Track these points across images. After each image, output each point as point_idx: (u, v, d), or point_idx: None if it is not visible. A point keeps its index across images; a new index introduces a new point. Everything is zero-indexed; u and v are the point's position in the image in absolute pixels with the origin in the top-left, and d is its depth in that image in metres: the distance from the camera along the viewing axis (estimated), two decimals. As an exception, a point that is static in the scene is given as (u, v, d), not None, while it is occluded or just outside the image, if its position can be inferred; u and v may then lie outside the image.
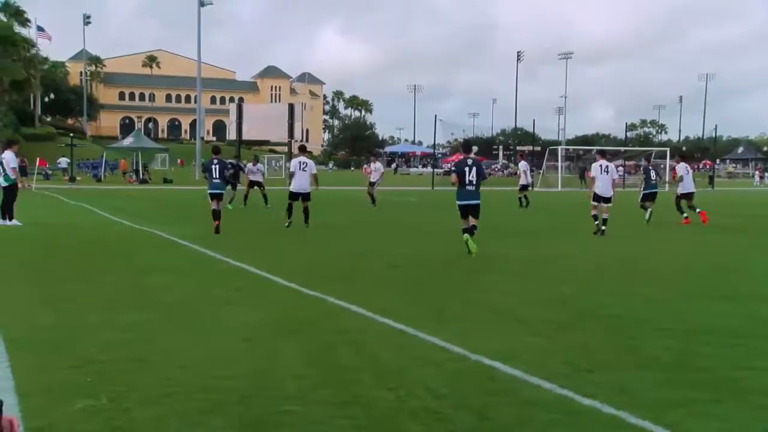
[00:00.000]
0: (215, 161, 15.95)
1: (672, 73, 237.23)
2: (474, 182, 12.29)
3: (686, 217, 18.92)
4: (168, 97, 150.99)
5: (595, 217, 15.94)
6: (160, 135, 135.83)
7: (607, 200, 15.80)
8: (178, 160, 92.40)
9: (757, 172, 72.94)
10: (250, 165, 24.50)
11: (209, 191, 15.79)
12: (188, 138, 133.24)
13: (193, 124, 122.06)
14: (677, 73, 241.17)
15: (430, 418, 4.43)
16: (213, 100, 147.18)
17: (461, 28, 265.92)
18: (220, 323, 6.97)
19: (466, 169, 12.27)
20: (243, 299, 8.20)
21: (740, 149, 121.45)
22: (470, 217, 12.26)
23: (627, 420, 4.39)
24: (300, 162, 16.59)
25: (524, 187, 26.53)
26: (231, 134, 52.46)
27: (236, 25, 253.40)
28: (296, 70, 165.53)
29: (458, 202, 12.47)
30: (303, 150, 18.38)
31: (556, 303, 8.10)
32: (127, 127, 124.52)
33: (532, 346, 6.15)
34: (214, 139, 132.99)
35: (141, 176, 47.07)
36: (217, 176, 15.75)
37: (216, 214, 15.24)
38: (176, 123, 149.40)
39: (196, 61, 57.61)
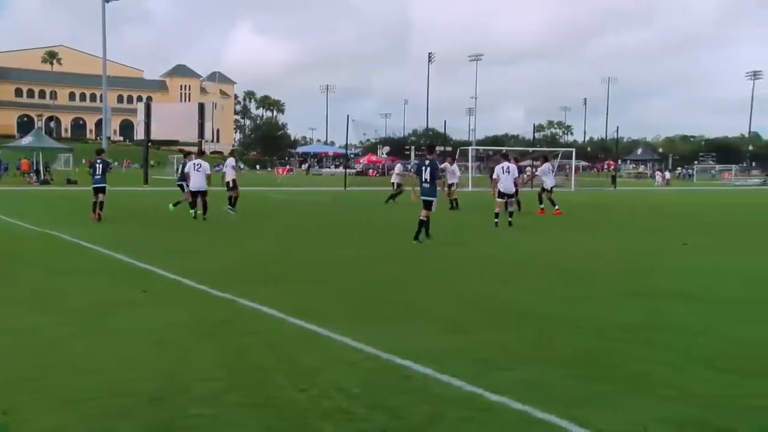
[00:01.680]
0: (99, 161, 18.46)
1: (579, 76, 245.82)
2: (428, 180, 13.76)
3: (542, 208, 22.53)
4: (71, 95, 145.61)
5: (497, 215, 17.58)
6: (63, 134, 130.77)
7: (511, 196, 17.95)
8: (83, 160, 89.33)
9: (658, 173, 76.26)
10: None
11: (93, 186, 18.25)
12: (94, 138, 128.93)
13: (99, 124, 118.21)
14: (584, 75, 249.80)
15: (342, 418, 4.42)
16: (120, 99, 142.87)
17: (376, 29, 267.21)
18: (128, 326, 6.77)
19: (423, 168, 13.90)
20: (152, 301, 7.99)
21: (639, 150, 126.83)
22: (426, 210, 13.79)
23: (534, 414, 4.48)
24: (194, 164, 19.08)
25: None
26: (139, 134, 51.00)
27: (144, 22, 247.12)
28: (207, 70, 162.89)
29: (422, 197, 13.97)
30: (200, 153, 20.67)
31: (471, 301, 8.22)
32: (25, 126, 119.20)
33: (445, 345, 6.22)
34: (122, 139, 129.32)
35: (42, 177, 45.15)
36: (100, 173, 18.17)
37: (95, 206, 17.83)
38: (81, 122, 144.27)
39: (101, 58, 55.76)
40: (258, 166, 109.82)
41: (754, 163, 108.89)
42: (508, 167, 18.25)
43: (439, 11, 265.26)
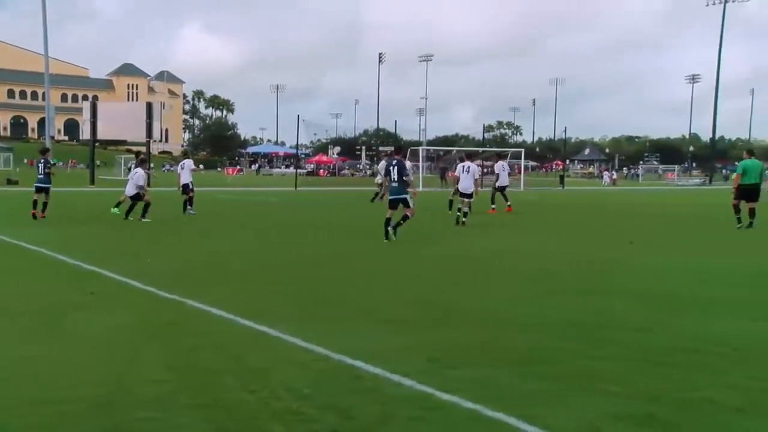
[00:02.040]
0: (42, 160, 18.84)
1: (528, 77, 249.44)
2: (396, 179, 14.21)
3: (493, 208, 23.04)
4: (10, 93, 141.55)
5: (459, 211, 18.30)
6: (2, 133, 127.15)
7: (468, 196, 18.36)
8: (26, 160, 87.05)
9: (605, 173, 77.72)
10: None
11: (35, 185, 18.56)
12: (37, 137, 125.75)
13: (41, 123, 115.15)
14: (533, 76, 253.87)
15: (293, 419, 4.39)
16: (64, 97, 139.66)
17: (327, 29, 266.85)
18: (73, 330, 6.63)
19: (391, 168, 14.36)
20: (98, 304, 7.83)
21: (587, 150, 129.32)
22: (399, 208, 14.22)
23: (484, 413, 4.52)
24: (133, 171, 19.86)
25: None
26: (85, 133, 49.87)
27: (90, 19, 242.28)
28: (155, 69, 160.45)
29: (388, 197, 14.53)
30: (142, 162, 20.94)
31: (421, 301, 8.25)
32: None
33: (395, 344, 6.24)
34: (66, 138, 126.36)
35: (-21, 177, 43.83)
36: (42, 173, 18.53)
37: (35, 204, 18.22)
38: (21, 121, 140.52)
39: (43, 55, 54.40)
40: (201, 166, 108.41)
41: (694, 164, 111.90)
42: (468, 167, 18.85)
43: (390, 12, 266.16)
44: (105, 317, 7.13)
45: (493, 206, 23.29)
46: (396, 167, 14.23)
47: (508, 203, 23.36)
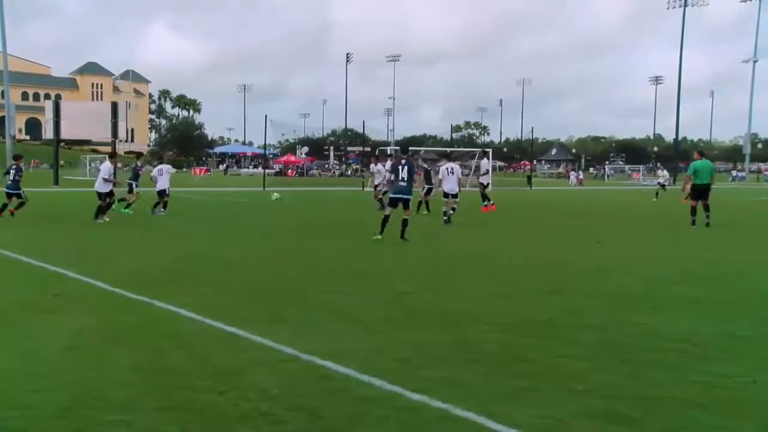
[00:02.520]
0: (13, 166, 19.47)
1: (495, 78, 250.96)
2: (405, 179, 14.29)
3: (486, 206, 23.93)
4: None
5: (445, 213, 18.90)
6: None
7: (454, 196, 19.15)
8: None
9: (572, 173, 78.50)
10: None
11: (5, 190, 18.99)
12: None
13: (1, 121, 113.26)
14: (500, 77, 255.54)
15: (262, 420, 4.39)
16: (25, 95, 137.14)
17: (294, 29, 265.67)
18: (37, 333, 6.52)
19: (400, 167, 14.44)
20: (63, 306, 7.72)
21: (554, 151, 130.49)
22: (402, 208, 14.35)
23: (453, 412, 4.56)
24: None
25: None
26: (48, 133, 49.05)
27: (52, 17, 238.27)
28: (120, 68, 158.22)
29: (390, 195, 14.60)
30: (111, 156, 20.62)
31: (392, 301, 8.29)
32: None
33: (366, 345, 6.26)
34: (28, 138, 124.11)
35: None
36: (11, 179, 18.97)
37: (4, 207, 18.53)
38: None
39: (1, 52, 53.39)
40: (184, 167, 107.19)
41: (659, 164, 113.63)
42: (453, 168, 19.51)
43: (357, 12, 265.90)
44: (70, 320, 7.04)
45: (485, 203, 24.06)
46: (405, 167, 14.40)
47: (486, 203, 24.10)
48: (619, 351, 6.13)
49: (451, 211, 19.08)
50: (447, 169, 19.36)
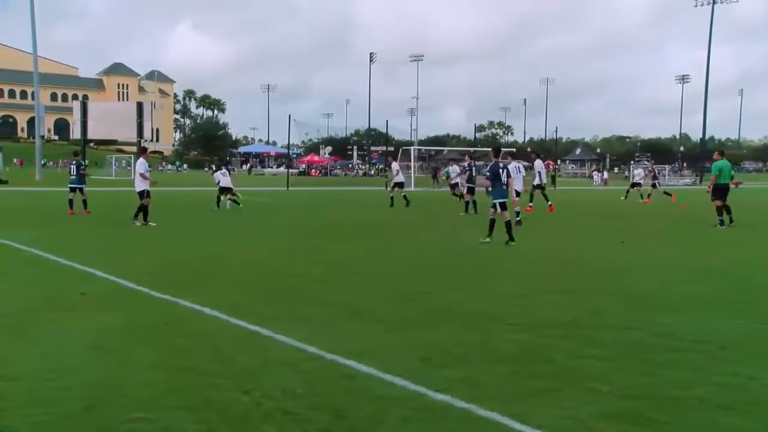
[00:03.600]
0: (73, 162, 21.94)
1: (519, 77, 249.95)
2: (505, 182, 14.38)
3: (551, 205, 23.81)
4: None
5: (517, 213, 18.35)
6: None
7: (517, 194, 18.61)
8: (15, 160, 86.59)
9: (596, 173, 77.85)
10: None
11: (69, 185, 21.12)
12: (26, 136, 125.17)
13: (31, 122, 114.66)
14: (524, 76, 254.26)
15: (285, 419, 4.42)
16: (54, 96, 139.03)
17: (318, 29, 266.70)
18: (63, 331, 6.60)
19: (500, 171, 14.38)
20: (89, 305, 7.80)
21: (578, 150, 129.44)
22: (506, 212, 14.35)
23: (476, 412, 4.56)
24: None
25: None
26: (75, 133, 49.78)
27: (79, 19, 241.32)
28: (145, 68, 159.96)
29: (494, 200, 14.37)
30: (142, 151, 20.26)
31: (413, 301, 8.27)
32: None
33: (388, 344, 6.27)
34: (57, 138, 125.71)
35: (-32, 177, 43.56)
36: (75, 174, 21.27)
37: (70, 203, 20.66)
38: (10, 120, 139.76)
39: (32, 54, 54.17)
40: (178, 166, 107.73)
41: (685, 164, 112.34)
42: (519, 167, 20.07)
43: (381, 12, 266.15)
44: (96, 318, 7.12)
45: (549, 203, 24.04)
46: (505, 170, 14.48)
47: (549, 202, 24.15)
48: (641, 351, 6.09)
49: (518, 209, 19.17)
50: (515, 168, 19.41)
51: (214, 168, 28.37)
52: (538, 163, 25.37)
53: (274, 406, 4.61)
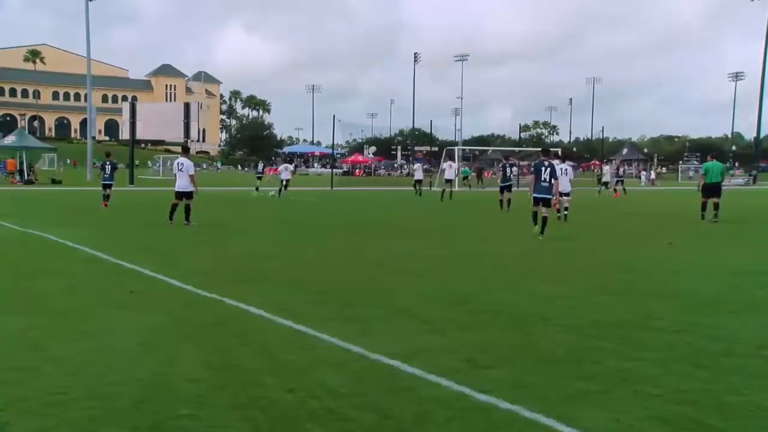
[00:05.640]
0: (108, 162, 23.90)
1: (565, 76, 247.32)
2: (548, 180, 15.02)
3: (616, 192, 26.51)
4: (55, 95, 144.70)
5: (559, 210, 19.39)
6: (47, 134, 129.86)
7: (567, 194, 20.15)
8: (69, 160, 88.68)
9: (643, 173, 76.47)
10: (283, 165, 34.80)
11: (102, 182, 23.56)
12: (79, 137, 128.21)
13: (83, 123, 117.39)
14: (570, 76, 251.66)
15: (330, 418, 4.41)
16: (105, 98, 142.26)
17: (363, 30, 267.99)
18: (113, 328, 6.71)
19: (542, 168, 15.13)
20: (137, 302, 7.93)
21: (625, 150, 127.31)
22: (543, 208, 15.09)
23: (522, 414, 4.50)
24: (178, 163, 17.64)
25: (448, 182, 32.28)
26: (124, 133, 50.73)
27: (129, 21, 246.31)
28: (192, 69, 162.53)
29: (534, 195, 15.13)
30: (185, 151, 19.48)
31: (457, 301, 8.22)
32: (7, 125, 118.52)
33: (432, 344, 6.23)
34: (107, 138, 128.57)
35: (26, 177, 44.77)
36: (108, 173, 23.48)
37: (105, 197, 23.13)
38: (65, 122, 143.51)
39: (86, 57, 55.45)
40: (219, 166, 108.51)
41: (737, 163, 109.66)
42: (566, 168, 20.95)
43: (426, 12, 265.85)
44: (144, 316, 7.22)
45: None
46: (549, 169, 15.08)
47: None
48: (694, 355, 5.94)
49: (565, 211, 20.06)
50: (561, 169, 19.94)
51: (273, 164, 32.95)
52: (607, 169, 28.62)
53: (318, 405, 4.62)
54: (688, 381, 5.23)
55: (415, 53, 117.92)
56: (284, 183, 32.16)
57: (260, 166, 41.34)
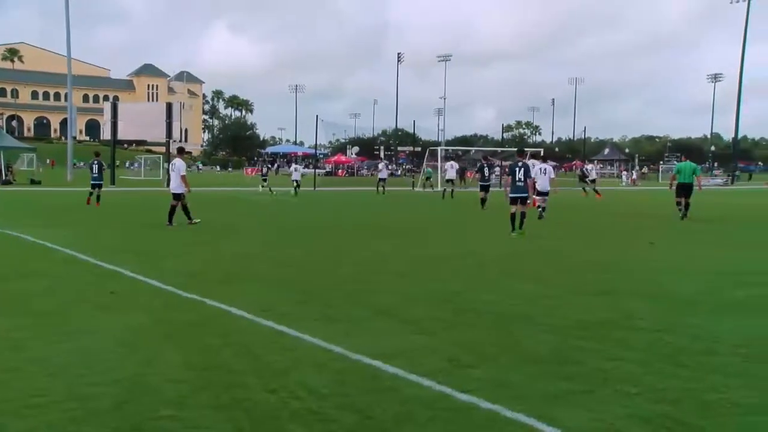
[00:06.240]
0: (95, 162, 24.20)
1: (548, 77, 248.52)
2: (522, 179, 15.52)
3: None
4: (34, 94, 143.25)
5: (539, 207, 20.34)
6: (26, 134, 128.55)
7: (545, 194, 20.75)
8: (48, 161, 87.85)
9: (624, 173, 76.99)
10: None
11: (91, 182, 23.88)
12: (59, 137, 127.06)
13: (63, 123, 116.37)
14: (552, 76, 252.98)
15: (312, 418, 4.41)
16: (86, 98, 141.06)
17: (346, 30, 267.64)
18: (94, 329, 6.67)
19: (516, 169, 15.70)
20: (118, 304, 7.88)
21: (606, 150, 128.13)
22: (519, 206, 15.60)
23: (503, 413, 4.51)
24: (171, 164, 18.43)
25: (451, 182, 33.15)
26: (105, 133, 50.35)
27: (111, 21, 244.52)
28: (174, 69, 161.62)
29: (510, 195, 15.69)
30: (180, 152, 18.73)
31: (440, 301, 8.24)
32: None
33: (415, 344, 6.23)
34: (88, 138, 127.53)
35: (4, 177, 44.25)
36: (96, 172, 23.79)
37: (92, 195, 23.42)
38: (44, 121, 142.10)
39: (66, 56, 54.95)
40: (200, 166, 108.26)
41: (716, 164, 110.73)
42: (545, 168, 21.33)
43: (409, 13, 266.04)
44: (125, 316, 7.18)
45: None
46: (522, 169, 15.62)
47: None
48: (674, 355, 5.99)
49: (544, 206, 20.68)
50: (540, 169, 20.86)
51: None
52: (590, 167, 28.47)
53: (300, 406, 4.61)
54: (668, 380, 5.27)
55: (398, 53, 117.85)
56: (296, 183, 35.53)
57: (264, 168, 40.96)
